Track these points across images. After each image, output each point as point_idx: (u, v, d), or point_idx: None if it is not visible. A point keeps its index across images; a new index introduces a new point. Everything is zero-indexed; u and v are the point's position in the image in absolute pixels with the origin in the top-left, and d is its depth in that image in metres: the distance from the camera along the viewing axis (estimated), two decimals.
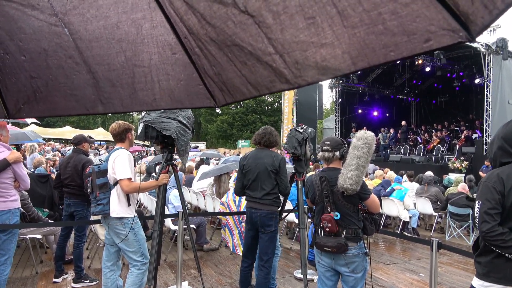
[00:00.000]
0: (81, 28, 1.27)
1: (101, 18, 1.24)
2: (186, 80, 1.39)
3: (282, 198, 3.88)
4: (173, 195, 5.72)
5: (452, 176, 9.76)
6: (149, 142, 3.34)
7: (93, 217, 4.19)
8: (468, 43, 12.47)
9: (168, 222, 5.56)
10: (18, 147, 7.15)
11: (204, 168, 8.30)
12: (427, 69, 16.11)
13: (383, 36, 0.90)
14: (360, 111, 19.84)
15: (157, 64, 1.34)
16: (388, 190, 7.59)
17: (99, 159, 3.53)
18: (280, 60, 1.08)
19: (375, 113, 20.03)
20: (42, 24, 1.26)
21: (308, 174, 4.08)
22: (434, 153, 14.99)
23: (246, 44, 1.11)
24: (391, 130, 17.84)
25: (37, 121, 12.33)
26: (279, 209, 3.70)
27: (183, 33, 1.22)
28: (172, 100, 1.44)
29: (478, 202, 1.89)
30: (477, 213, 1.89)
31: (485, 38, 12.66)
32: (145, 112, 3.11)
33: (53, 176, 5.99)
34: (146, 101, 1.44)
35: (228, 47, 1.15)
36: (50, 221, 5.07)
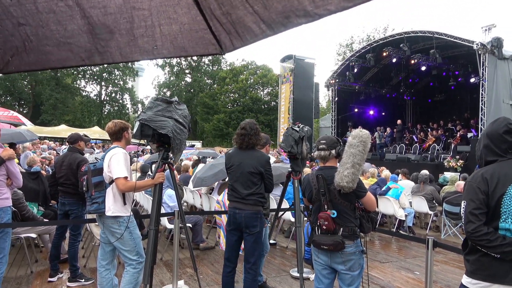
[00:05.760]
0: None
1: None
2: (190, 24, 1.23)
3: (268, 199, 3.69)
4: (167, 195, 5.67)
5: (448, 174, 9.81)
6: (145, 140, 3.32)
7: (88, 216, 4.17)
8: (466, 43, 12.51)
9: (164, 221, 5.54)
10: (13, 145, 7.09)
11: (200, 167, 8.26)
12: (423, 68, 16.17)
13: None
14: (356, 110, 19.91)
15: (158, 6, 1.19)
16: (384, 188, 7.61)
17: (95, 158, 3.50)
18: None
19: (371, 112, 20.10)
20: None
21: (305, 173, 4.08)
22: (429, 152, 15.07)
23: None
24: (387, 129, 17.90)
25: (31, 123, 12.26)
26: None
27: None
28: (175, 47, 1.29)
29: (464, 202, 1.91)
30: (463, 213, 1.90)
31: (481, 37, 12.73)
32: (141, 110, 3.08)
33: (44, 173, 5.94)
34: (147, 49, 1.30)
35: None
36: (45, 220, 5.04)
